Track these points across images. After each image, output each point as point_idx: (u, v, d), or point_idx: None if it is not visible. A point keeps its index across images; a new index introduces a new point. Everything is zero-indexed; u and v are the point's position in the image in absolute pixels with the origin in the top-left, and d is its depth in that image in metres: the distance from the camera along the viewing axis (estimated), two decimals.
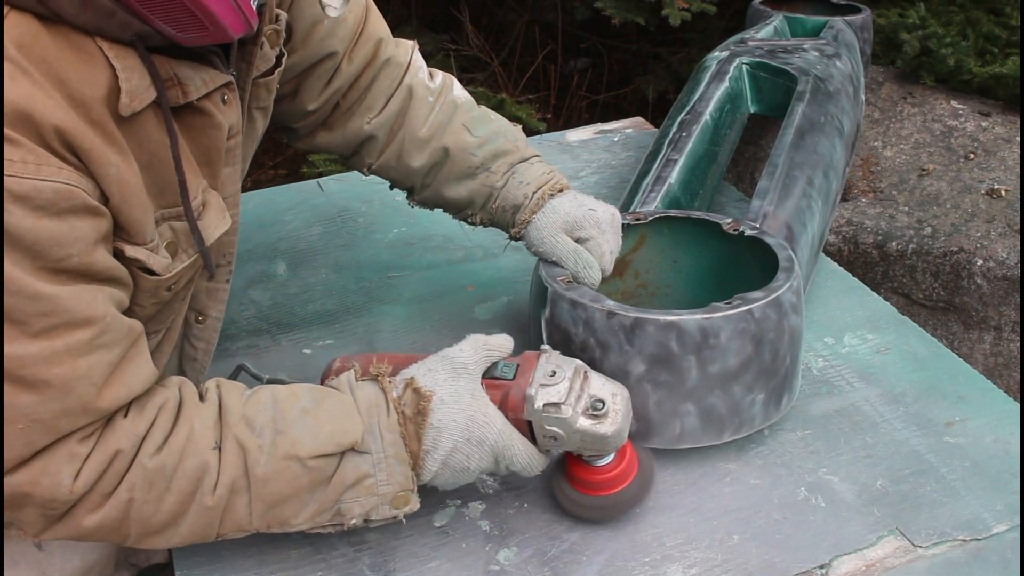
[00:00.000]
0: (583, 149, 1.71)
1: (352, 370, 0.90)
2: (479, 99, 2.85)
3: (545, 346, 0.92)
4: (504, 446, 0.87)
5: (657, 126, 1.81)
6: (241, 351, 1.22)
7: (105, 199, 0.76)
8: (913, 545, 0.93)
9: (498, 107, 2.72)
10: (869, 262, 1.99)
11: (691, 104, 1.47)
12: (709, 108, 1.47)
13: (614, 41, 3.21)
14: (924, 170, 2.12)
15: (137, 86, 0.76)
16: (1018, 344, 1.86)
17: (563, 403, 0.86)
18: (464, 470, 0.88)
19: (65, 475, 0.76)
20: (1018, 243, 1.86)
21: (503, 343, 0.91)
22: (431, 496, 1.00)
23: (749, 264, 1.12)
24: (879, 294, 1.32)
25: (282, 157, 3.57)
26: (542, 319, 1.03)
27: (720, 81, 1.53)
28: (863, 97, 1.73)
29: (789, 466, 1.03)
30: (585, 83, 3.18)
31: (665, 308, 0.99)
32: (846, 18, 1.85)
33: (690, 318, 0.95)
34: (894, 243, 1.96)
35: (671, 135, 1.41)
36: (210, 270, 0.90)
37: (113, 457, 0.78)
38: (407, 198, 1.17)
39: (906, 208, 2.03)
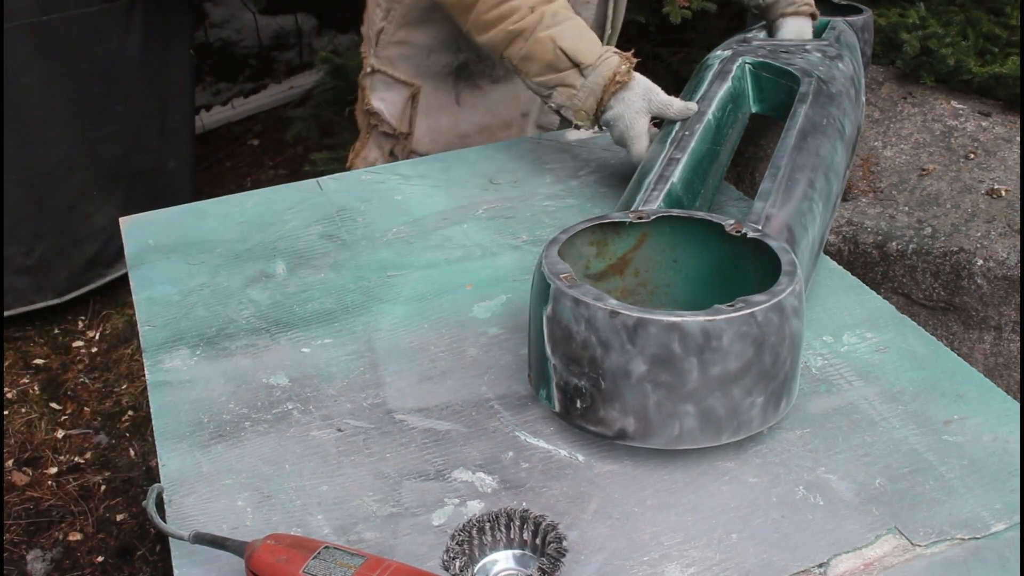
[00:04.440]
0: (582, 148, 1.71)
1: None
2: None
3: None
4: (626, 142, 1.46)
5: (657, 126, 1.81)
6: (240, 350, 1.22)
7: None
8: (911, 544, 0.93)
9: None
10: (869, 262, 1.99)
11: (694, 103, 1.48)
12: (712, 107, 1.47)
13: None
14: (924, 170, 2.12)
15: None
16: (1018, 344, 1.86)
17: None
18: (611, 127, 1.47)
19: None
20: (1018, 243, 1.86)
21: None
22: (430, 495, 1.00)
23: (750, 266, 1.12)
24: (879, 294, 1.32)
25: (282, 157, 3.58)
26: (543, 316, 1.03)
27: (723, 80, 1.53)
28: (864, 99, 1.73)
29: (787, 465, 1.03)
30: None
31: (665, 307, 0.99)
32: (847, 19, 1.85)
33: (693, 319, 0.95)
34: (894, 243, 1.96)
35: (673, 134, 1.42)
36: None
37: None
38: None
39: (906, 208, 2.03)
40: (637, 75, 1.44)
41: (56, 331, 2.77)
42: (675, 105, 1.44)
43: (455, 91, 1.74)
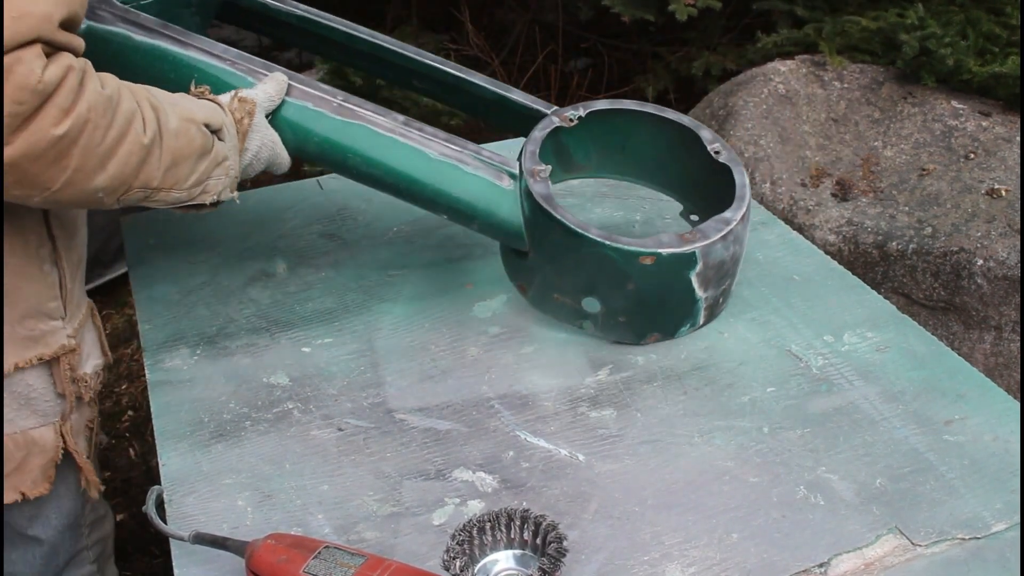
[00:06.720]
0: None
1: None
2: None
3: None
4: (276, 160, 1.14)
5: None
6: (240, 350, 1.22)
7: None
8: (912, 543, 0.93)
9: None
10: (869, 262, 1.99)
11: (276, 72, 1.15)
12: (258, 63, 1.16)
13: (614, 41, 3.21)
14: (924, 170, 2.12)
15: None
16: (1018, 344, 1.86)
17: None
18: (252, 168, 1.12)
19: (36, 65, 0.82)
20: (1018, 243, 1.86)
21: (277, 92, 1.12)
22: (430, 495, 1.00)
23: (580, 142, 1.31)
24: (879, 294, 1.32)
25: None
26: (691, 277, 1.15)
27: (179, 35, 1.16)
28: None
29: (788, 464, 1.03)
30: (586, 83, 3.19)
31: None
32: None
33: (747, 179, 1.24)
34: (894, 243, 1.96)
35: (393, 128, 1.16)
36: None
37: (67, 69, 0.84)
38: None
39: (906, 208, 2.03)
40: (239, 93, 1.11)
41: None
42: (271, 90, 1.12)
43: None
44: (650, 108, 1.31)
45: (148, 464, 2.26)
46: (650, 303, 1.17)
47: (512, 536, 0.91)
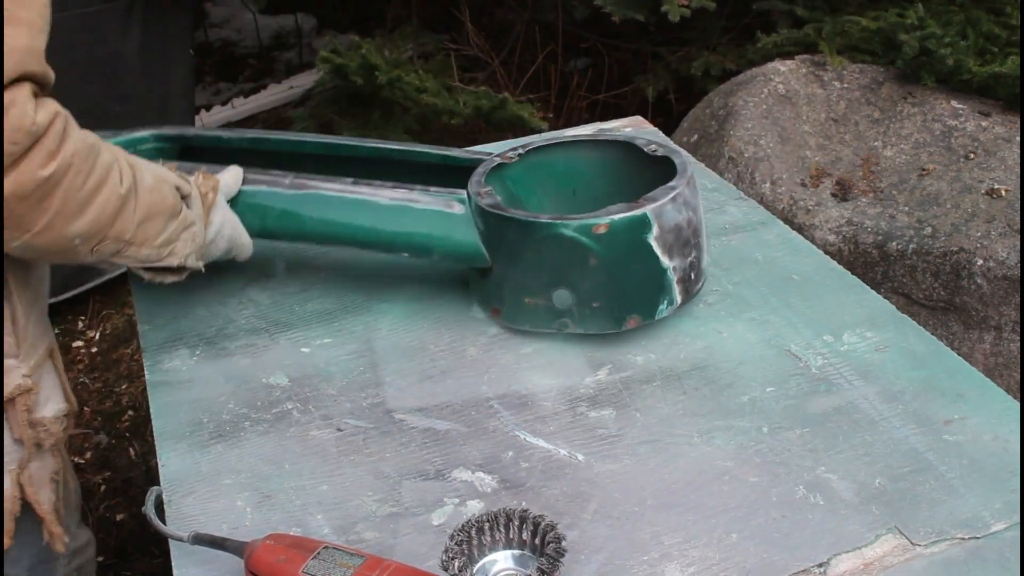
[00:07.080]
0: None
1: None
2: (480, 98, 2.86)
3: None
4: (238, 240, 1.21)
5: (657, 125, 1.80)
6: (239, 350, 1.22)
7: None
8: (912, 543, 0.93)
9: (500, 106, 2.72)
10: (869, 262, 1.99)
11: (232, 167, 1.26)
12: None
13: (614, 41, 3.21)
14: (924, 170, 2.12)
15: None
16: (1018, 344, 1.86)
17: None
18: (215, 245, 1.17)
19: (29, 107, 0.85)
20: (1018, 243, 1.86)
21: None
22: (429, 495, 1.00)
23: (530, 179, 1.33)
24: (879, 294, 1.32)
25: None
26: (650, 241, 1.15)
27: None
28: None
29: (787, 464, 1.03)
30: (585, 83, 3.19)
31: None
32: None
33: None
34: (894, 243, 1.96)
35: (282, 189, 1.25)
36: None
37: (55, 115, 0.88)
38: None
39: (906, 208, 2.03)
40: (203, 170, 1.19)
41: (56, 331, 2.77)
42: (228, 179, 1.21)
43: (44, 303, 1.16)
44: (585, 137, 1.39)
45: (148, 464, 2.26)
46: (618, 278, 1.17)
47: (511, 536, 0.91)
